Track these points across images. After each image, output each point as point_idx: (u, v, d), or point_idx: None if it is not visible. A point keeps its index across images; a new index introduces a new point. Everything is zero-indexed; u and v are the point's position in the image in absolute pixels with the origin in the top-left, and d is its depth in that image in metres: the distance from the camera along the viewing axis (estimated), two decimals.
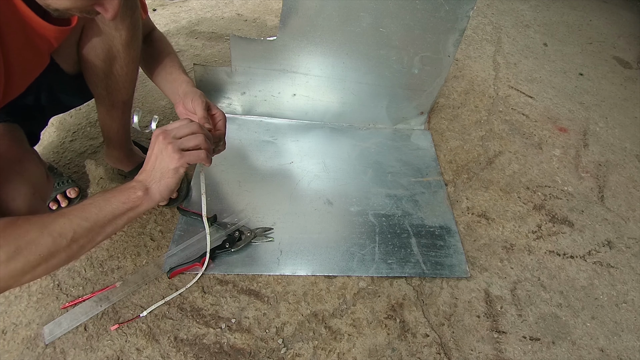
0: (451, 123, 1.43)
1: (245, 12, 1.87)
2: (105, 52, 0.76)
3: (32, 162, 0.67)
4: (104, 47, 0.76)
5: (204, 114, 0.75)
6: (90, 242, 0.58)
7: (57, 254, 0.55)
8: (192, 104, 0.76)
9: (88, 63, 0.78)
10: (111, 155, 1.01)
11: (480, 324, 0.91)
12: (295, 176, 1.15)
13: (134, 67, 0.84)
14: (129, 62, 0.81)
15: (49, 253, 0.53)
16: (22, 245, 0.51)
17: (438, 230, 1.06)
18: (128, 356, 0.78)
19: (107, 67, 0.79)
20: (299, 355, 0.82)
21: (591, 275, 1.04)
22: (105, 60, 0.78)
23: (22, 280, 0.54)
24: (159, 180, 0.62)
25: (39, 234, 0.53)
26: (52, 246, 0.53)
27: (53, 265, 0.55)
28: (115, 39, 0.75)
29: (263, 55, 1.13)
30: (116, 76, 0.82)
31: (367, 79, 1.21)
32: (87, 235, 0.57)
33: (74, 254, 0.57)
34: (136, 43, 0.80)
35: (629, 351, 0.91)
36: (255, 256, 0.95)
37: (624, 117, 1.60)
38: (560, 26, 2.18)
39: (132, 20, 0.75)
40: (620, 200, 1.25)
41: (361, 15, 1.05)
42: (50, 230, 0.53)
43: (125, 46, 0.77)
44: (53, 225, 0.54)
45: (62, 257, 0.56)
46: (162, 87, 0.88)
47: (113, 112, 0.89)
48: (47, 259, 0.54)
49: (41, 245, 0.52)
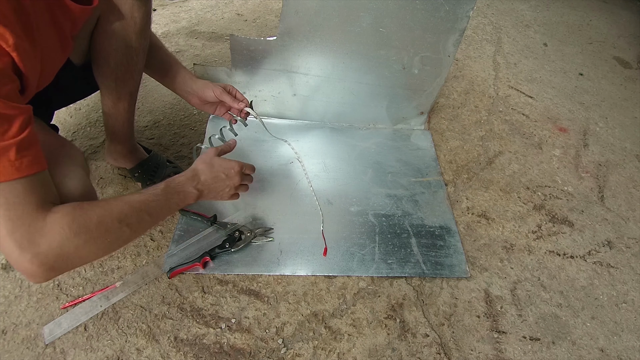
0: (451, 123, 1.43)
1: (245, 12, 1.87)
2: (119, 40, 0.78)
3: (72, 146, 0.71)
4: (119, 34, 0.77)
5: (230, 97, 0.94)
6: (143, 230, 0.67)
7: (121, 236, 0.62)
8: (213, 94, 0.93)
9: (101, 52, 0.79)
10: (114, 151, 1.01)
11: (480, 324, 0.91)
12: (295, 176, 1.15)
13: (143, 57, 0.86)
14: (139, 51, 0.83)
15: (115, 235, 0.60)
16: (92, 228, 0.56)
17: (438, 230, 1.06)
18: (128, 356, 0.78)
19: (119, 57, 0.80)
20: (299, 355, 0.82)
21: (591, 275, 1.04)
22: (118, 50, 0.79)
23: (89, 260, 0.60)
24: (208, 195, 0.79)
25: (107, 219, 0.58)
26: (117, 232, 0.60)
27: (114, 247, 0.62)
28: (130, 28, 0.77)
29: (263, 55, 1.13)
30: (127, 66, 0.83)
31: (367, 79, 1.21)
32: (145, 225, 0.66)
33: (130, 239, 0.65)
34: (147, 32, 0.83)
35: (629, 351, 0.91)
36: (255, 256, 0.95)
37: (624, 117, 1.60)
38: (560, 26, 2.18)
39: (146, 9, 0.78)
40: (620, 200, 1.25)
41: (361, 15, 1.05)
42: (117, 216, 0.60)
43: (139, 34, 0.79)
44: (118, 212, 0.60)
45: (121, 242, 0.63)
46: (166, 82, 0.97)
47: (119, 105, 0.90)
48: (114, 240, 0.60)
49: (108, 228, 0.58)
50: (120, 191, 1.06)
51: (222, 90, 0.93)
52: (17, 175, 0.49)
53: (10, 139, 0.48)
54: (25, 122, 0.50)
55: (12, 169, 0.48)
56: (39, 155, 0.53)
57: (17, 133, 0.49)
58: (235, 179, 0.82)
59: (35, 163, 0.51)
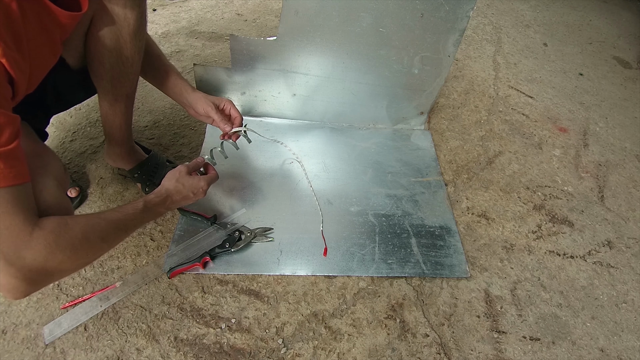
0: (451, 123, 1.43)
1: (245, 12, 1.87)
2: (113, 42, 0.78)
3: (50, 155, 0.70)
4: (112, 37, 0.77)
5: (220, 116, 0.94)
6: (116, 244, 0.71)
7: (99, 252, 0.65)
8: (204, 112, 0.94)
9: (95, 54, 0.79)
10: (112, 152, 1.01)
11: (480, 324, 0.91)
12: (295, 176, 1.15)
13: (139, 59, 0.85)
14: (134, 52, 0.82)
15: (94, 251, 0.63)
16: (76, 245, 0.58)
17: (438, 230, 1.06)
18: (128, 356, 0.78)
19: (113, 58, 0.80)
20: (299, 355, 0.82)
21: (591, 275, 1.04)
22: (113, 51, 0.79)
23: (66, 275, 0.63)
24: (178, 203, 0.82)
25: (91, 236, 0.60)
26: (97, 248, 0.63)
27: (90, 262, 0.65)
28: (124, 29, 0.77)
29: (263, 55, 1.13)
30: (122, 67, 0.83)
31: (367, 79, 1.21)
32: (119, 241, 0.71)
33: (103, 254, 0.68)
34: (142, 34, 0.82)
35: (629, 351, 0.91)
36: (255, 256, 0.95)
37: (624, 117, 1.60)
38: (560, 26, 2.18)
39: (140, 10, 0.78)
40: (620, 200, 1.25)
41: (361, 15, 1.05)
42: (99, 234, 0.62)
43: (133, 36, 0.79)
44: (100, 230, 0.63)
45: (97, 256, 0.66)
46: (164, 91, 0.98)
47: (116, 107, 0.90)
48: (92, 255, 0.64)
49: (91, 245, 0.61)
50: (120, 191, 1.06)
51: (212, 109, 0.93)
52: (4, 184, 0.49)
53: (2, 147, 0.48)
54: (14, 132, 0.50)
55: (1, 176, 0.48)
56: (25, 166, 0.53)
57: (7, 142, 0.48)
58: (201, 195, 0.85)
59: (22, 174, 0.51)
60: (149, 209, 0.74)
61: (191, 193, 0.82)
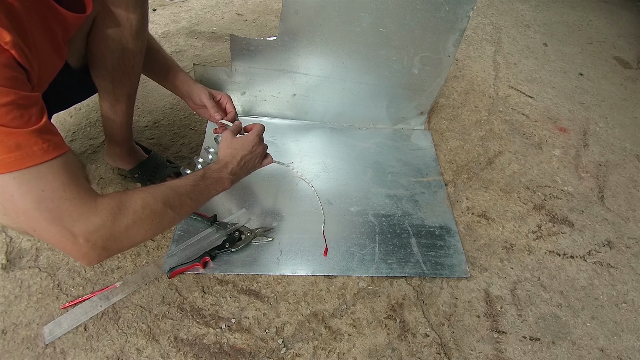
0: (451, 123, 1.43)
1: (245, 12, 1.87)
2: (115, 42, 0.78)
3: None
4: (115, 38, 0.77)
5: (212, 104, 0.93)
6: (185, 214, 0.70)
7: (165, 217, 0.64)
8: (199, 100, 0.93)
9: (97, 55, 0.80)
10: (112, 152, 1.01)
11: (480, 324, 0.91)
12: (295, 176, 1.15)
13: (140, 59, 0.86)
14: (136, 53, 0.83)
15: (159, 216, 0.63)
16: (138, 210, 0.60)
17: (438, 230, 1.06)
18: (128, 356, 0.78)
19: (115, 59, 0.80)
20: (299, 355, 0.82)
21: (591, 275, 1.04)
22: (115, 52, 0.79)
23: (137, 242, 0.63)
24: (243, 175, 0.84)
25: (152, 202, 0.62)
26: (162, 213, 0.63)
27: (160, 230, 0.65)
28: (126, 30, 0.77)
29: (263, 55, 1.13)
30: (123, 68, 0.83)
31: (367, 79, 1.21)
32: (186, 209, 0.70)
33: (174, 222, 0.68)
34: (144, 34, 0.83)
35: (629, 351, 0.91)
36: (255, 256, 0.95)
37: (624, 117, 1.60)
38: (560, 26, 2.18)
39: (142, 10, 0.78)
40: (620, 200, 1.25)
41: (361, 15, 1.05)
42: (162, 199, 0.63)
43: (135, 37, 0.79)
44: (162, 195, 0.64)
45: (166, 224, 0.66)
46: (164, 84, 0.97)
47: (117, 107, 0.90)
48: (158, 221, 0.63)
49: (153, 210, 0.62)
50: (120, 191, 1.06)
51: (206, 97, 0.93)
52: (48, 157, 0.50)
53: (34, 124, 0.49)
54: (40, 110, 0.52)
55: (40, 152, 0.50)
56: (61, 137, 0.54)
57: (37, 121, 0.50)
58: (259, 149, 0.85)
59: (60, 144, 0.53)
60: (208, 176, 0.75)
61: (245, 151, 0.82)
